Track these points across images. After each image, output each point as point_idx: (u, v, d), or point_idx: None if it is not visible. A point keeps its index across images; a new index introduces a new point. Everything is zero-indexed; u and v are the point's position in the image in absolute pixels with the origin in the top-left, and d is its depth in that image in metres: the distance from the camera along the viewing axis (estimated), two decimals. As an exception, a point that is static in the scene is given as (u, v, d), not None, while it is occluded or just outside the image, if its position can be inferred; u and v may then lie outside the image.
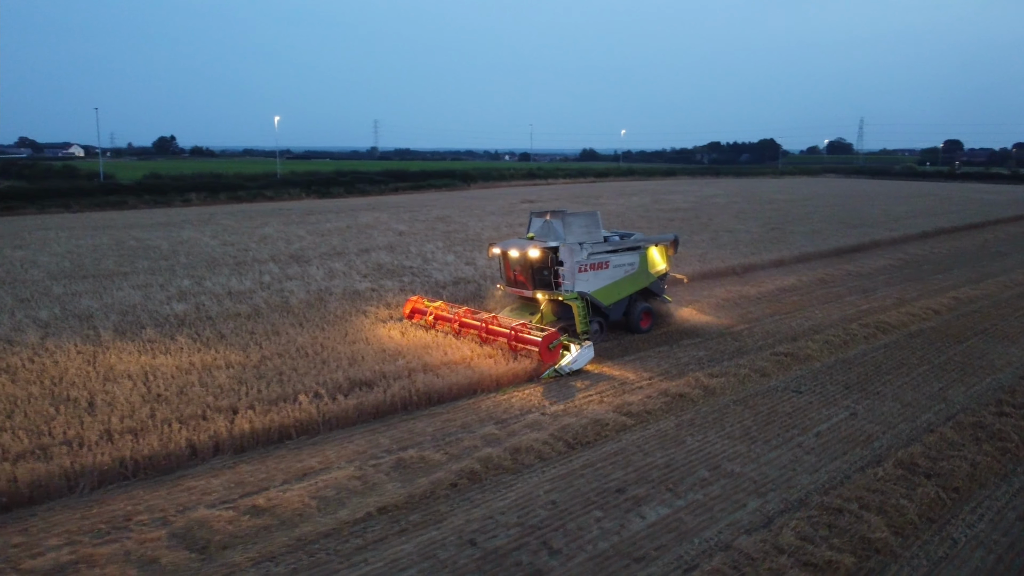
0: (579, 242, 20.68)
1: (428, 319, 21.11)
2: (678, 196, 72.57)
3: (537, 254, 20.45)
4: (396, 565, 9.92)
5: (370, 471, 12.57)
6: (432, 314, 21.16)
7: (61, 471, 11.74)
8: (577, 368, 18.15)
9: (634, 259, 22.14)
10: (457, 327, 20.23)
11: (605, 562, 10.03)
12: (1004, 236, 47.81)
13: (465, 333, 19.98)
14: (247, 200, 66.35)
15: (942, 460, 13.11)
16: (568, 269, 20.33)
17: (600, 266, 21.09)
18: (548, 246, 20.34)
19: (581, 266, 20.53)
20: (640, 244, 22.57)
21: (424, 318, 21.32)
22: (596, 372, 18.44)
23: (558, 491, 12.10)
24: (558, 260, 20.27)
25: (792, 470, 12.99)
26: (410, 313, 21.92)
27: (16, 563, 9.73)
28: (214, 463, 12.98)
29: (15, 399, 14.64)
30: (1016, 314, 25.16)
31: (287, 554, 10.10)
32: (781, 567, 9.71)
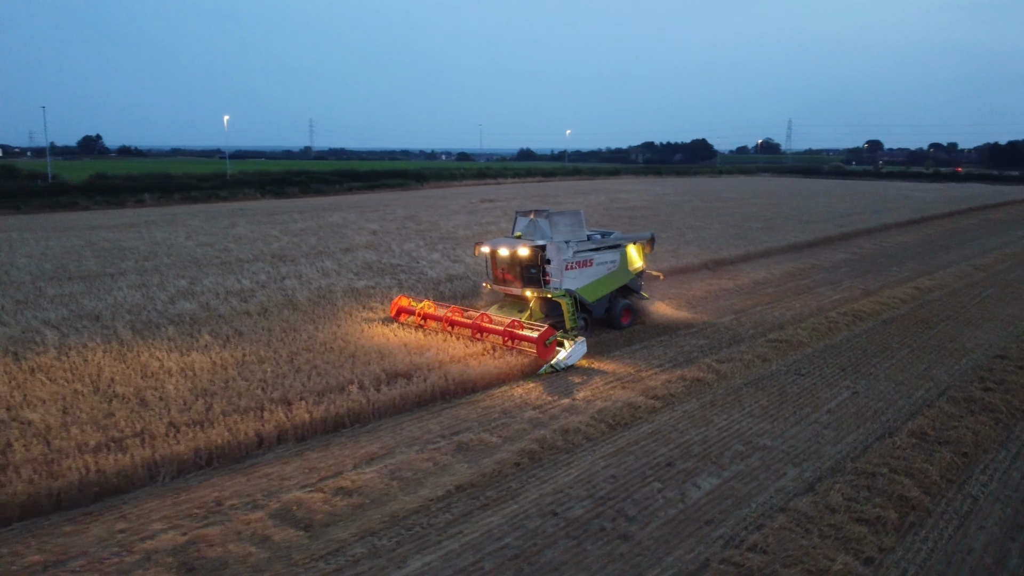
0: (565, 240, 21.18)
1: (417, 318, 21.18)
2: (633, 195, 74.46)
3: (527, 252, 20.83)
4: (490, 535, 10.71)
5: (435, 454, 13.29)
6: (421, 313, 21.26)
7: (143, 461, 12.11)
8: (571, 363, 18.60)
9: (615, 257, 22.74)
10: (448, 325, 20.44)
11: (679, 526, 11.03)
12: (943, 231, 50.93)
13: (455, 331, 20.24)
14: (202, 200, 65.33)
15: (947, 430, 14.56)
16: (555, 267, 20.83)
17: (585, 264, 21.63)
18: (536, 244, 20.79)
19: (568, 264, 21.03)
20: (620, 242, 23.17)
21: (412, 317, 21.35)
22: (600, 367, 19.43)
23: (614, 467, 13.06)
24: (546, 258, 20.73)
25: (816, 442, 14.24)
26: (396, 313, 21.95)
27: (129, 546, 10.16)
28: (279, 451, 13.48)
29: (62, 396, 14.82)
30: (973, 302, 27.26)
31: (386, 529, 10.78)
32: (838, 523, 10.88)
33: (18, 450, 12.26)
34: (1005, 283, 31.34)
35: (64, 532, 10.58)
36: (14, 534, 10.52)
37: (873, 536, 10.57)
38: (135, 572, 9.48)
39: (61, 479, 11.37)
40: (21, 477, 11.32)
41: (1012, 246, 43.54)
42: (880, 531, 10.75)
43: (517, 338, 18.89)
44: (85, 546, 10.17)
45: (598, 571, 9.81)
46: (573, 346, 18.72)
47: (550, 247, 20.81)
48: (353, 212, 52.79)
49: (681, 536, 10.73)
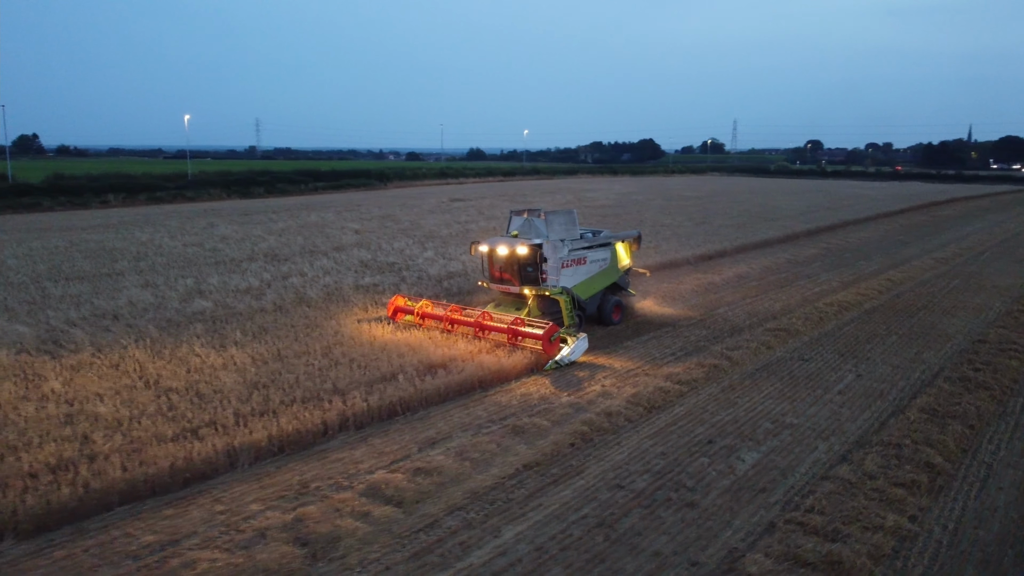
0: (560, 239, 21.63)
1: (416, 318, 21.30)
2: (598, 194, 75.91)
3: (525, 251, 21.06)
4: (568, 507, 11.59)
5: (493, 436, 14.10)
6: (419, 312, 21.34)
7: (224, 448, 12.65)
8: (574, 359, 19.00)
9: (606, 255, 23.41)
10: (448, 324, 20.58)
11: (736, 494, 12.07)
12: (899, 227, 53.52)
13: (455, 330, 20.42)
14: (167, 201, 64.43)
15: (952, 406, 15.96)
16: (552, 265, 21.25)
17: (579, 262, 22.19)
18: (534, 243, 21.12)
19: (564, 262, 21.50)
20: (610, 240, 23.82)
21: (408, 316, 21.52)
22: (606, 362, 20.44)
23: (660, 445, 14.06)
24: (543, 257, 21.14)
25: (836, 420, 15.48)
26: (393, 312, 21.96)
27: (235, 526, 10.75)
28: (343, 439, 14.09)
29: (116, 391, 15.18)
30: (943, 292, 29.15)
31: (470, 504, 11.57)
32: (880, 487, 12.06)
33: (98, 440, 12.66)
34: (967, 275, 33.42)
35: (166, 515, 11.08)
36: (117, 518, 10.99)
37: (912, 497, 11.78)
38: (254, 547, 10.08)
39: (153, 466, 11.84)
40: (113, 464, 11.76)
41: (965, 240, 46.12)
42: (916, 493, 11.96)
43: (522, 335, 19.27)
44: (192, 527, 10.72)
45: (676, 535, 10.77)
46: (575, 342, 19.23)
47: (546, 246, 21.21)
48: (328, 212, 52.87)
49: (741, 503, 11.77)
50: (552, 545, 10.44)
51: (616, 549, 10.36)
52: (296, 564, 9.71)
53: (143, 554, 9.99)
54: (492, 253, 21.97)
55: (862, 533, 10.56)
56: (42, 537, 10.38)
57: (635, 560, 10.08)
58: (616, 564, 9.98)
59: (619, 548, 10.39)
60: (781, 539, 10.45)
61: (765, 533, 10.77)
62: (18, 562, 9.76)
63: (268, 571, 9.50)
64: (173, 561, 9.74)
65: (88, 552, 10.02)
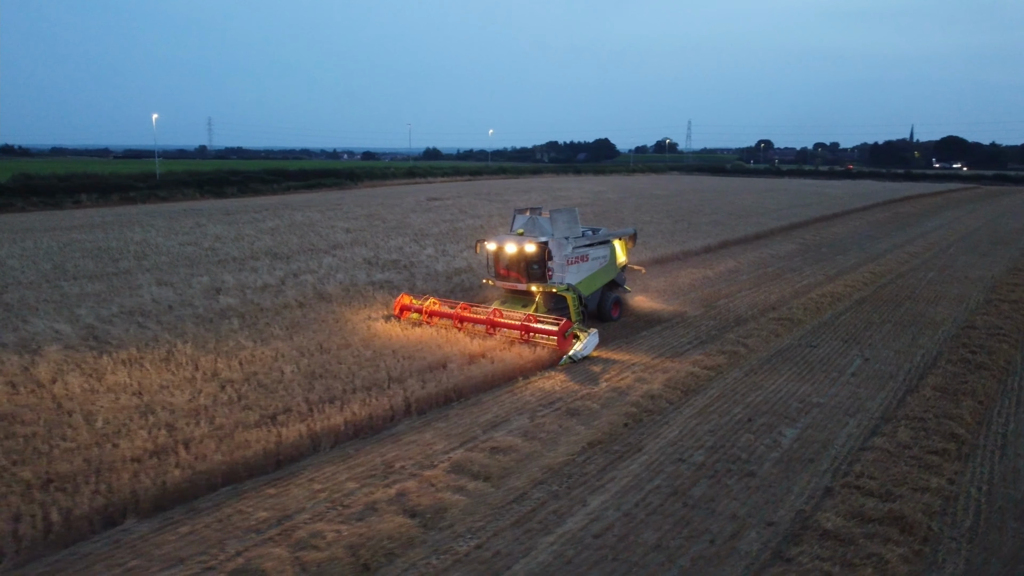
0: (565, 236, 22.20)
1: (424, 316, 21.60)
2: (572, 192, 77.16)
3: (533, 249, 21.64)
4: (640, 479, 12.57)
5: (551, 418, 15.01)
6: (427, 311, 21.57)
7: (308, 433, 13.33)
8: (586, 354, 19.44)
9: (606, 252, 24.14)
10: (458, 322, 20.83)
11: (788, 464, 13.19)
12: (867, 223, 55.85)
13: (464, 327, 20.71)
14: (140, 201, 63.72)
15: (959, 384, 17.37)
16: (558, 263, 21.82)
17: (581, 259, 22.77)
18: (540, 241, 21.71)
19: (569, 259, 22.08)
20: (609, 238, 24.61)
21: (414, 314, 21.80)
22: (620, 357, 21.52)
23: (705, 423, 15.13)
24: (550, 254, 21.73)
25: (857, 399, 16.75)
26: (400, 311, 22.18)
27: (339, 501, 11.47)
28: (408, 423, 14.83)
29: (178, 383, 15.68)
30: (922, 284, 30.94)
31: (550, 478, 12.47)
32: (916, 454, 13.31)
33: (185, 428, 13.23)
34: (940, 268, 35.40)
35: (268, 494, 11.74)
36: (222, 498, 11.61)
37: (946, 463, 13.04)
38: (369, 519, 10.83)
39: (247, 449, 12.48)
40: (209, 449, 12.37)
41: (930, 236, 48.48)
42: (948, 459, 13.23)
43: (536, 331, 19.64)
44: (298, 504, 11.41)
45: (745, 500, 11.83)
46: (587, 337, 19.81)
47: (552, 243, 21.82)
48: (311, 211, 53.03)
49: (795, 472, 12.89)
50: (637, 511, 11.40)
51: (695, 513, 11.37)
52: (413, 532, 10.50)
53: (263, 528, 10.66)
54: (500, 251, 22.45)
55: (912, 494, 11.75)
56: (159, 516, 10.97)
57: (716, 522, 11.10)
58: (700, 526, 10.99)
59: (698, 512, 11.40)
60: (843, 500, 11.58)
61: (825, 496, 11.89)
62: (148, 538, 10.35)
63: (391, 538, 10.26)
64: (299, 532, 10.44)
65: (210, 528, 10.66)
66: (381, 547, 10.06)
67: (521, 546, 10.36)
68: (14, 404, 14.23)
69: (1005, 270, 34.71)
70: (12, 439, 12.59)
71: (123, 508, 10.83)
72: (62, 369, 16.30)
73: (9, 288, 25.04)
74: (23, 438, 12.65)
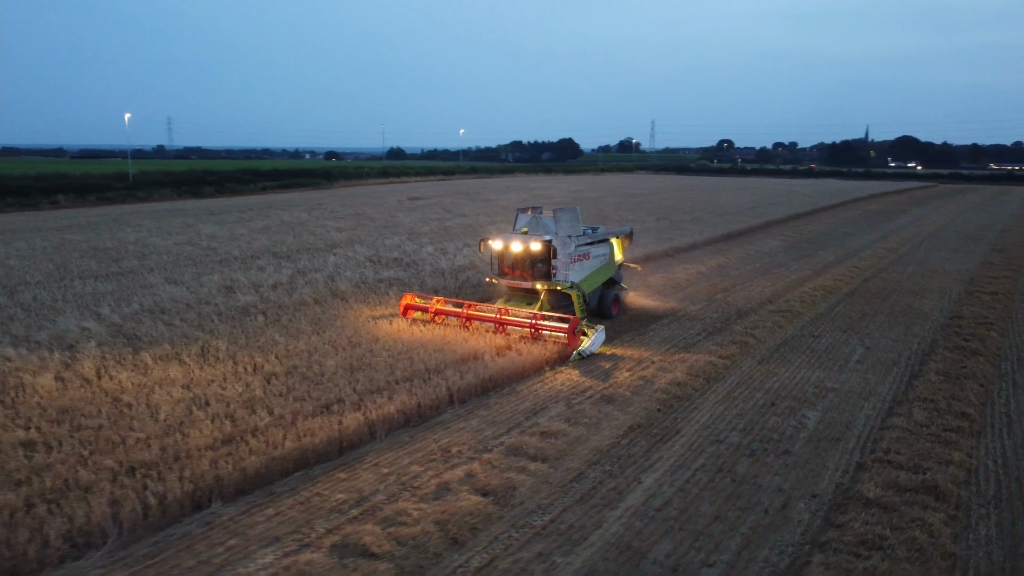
0: (568, 235, 22.67)
1: (430, 315, 21.72)
2: (549, 191, 78.08)
3: (539, 247, 22.02)
4: (685, 458, 13.40)
5: (587, 406, 15.75)
6: (433, 309, 21.80)
7: (366, 421, 13.91)
8: (594, 350, 19.73)
9: (605, 250, 24.74)
10: (466, 320, 21.06)
11: (818, 443, 14.13)
12: (840, 220, 57.66)
13: (470, 326, 20.94)
14: (119, 201, 63.08)
15: (959, 369, 18.54)
16: (562, 261, 22.25)
17: (583, 257, 23.20)
18: (545, 239, 22.12)
19: (572, 258, 22.53)
20: (608, 236, 25.21)
21: (418, 313, 22.05)
22: (630, 352, 22.40)
23: (733, 407, 16.02)
24: (555, 252, 22.13)
25: (867, 383, 17.81)
26: (404, 310, 22.35)
27: (409, 483, 12.08)
28: (452, 412, 15.42)
29: (224, 376, 16.12)
30: (904, 277, 32.38)
31: (601, 459, 13.23)
32: (935, 432, 14.35)
33: (245, 418, 13.73)
34: (917, 262, 36.98)
35: (340, 478, 12.31)
36: (295, 483, 12.13)
37: (962, 439, 14.10)
38: (444, 498, 11.47)
39: (313, 437, 13.03)
40: (277, 437, 12.89)
41: (901, 232, 50.32)
42: (963, 436, 14.30)
43: (546, 329, 19.84)
44: (371, 486, 12.00)
45: (787, 475, 12.72)
46: (595, 334, 20.27)
47: (556, 242, 22.21)
48: (297, 211, 53.15)
49: (826, 449, 13.84)
50: (690, 487, 12.22)
51: (743, 488, 12.22)
52: (489, 509, 11.17)
53: (344, 508, 11.25)
54: (505, 249, 22.72)
55: (938, 466, 12.75)
56: (241, 500, 11.48)
57: (765, 495, 11.96)
58: (751, 499, 11.84)
59: (746, 487, 12.26)
60: (876, 474, 12.53)
61: (860, 470, 12.84)
62: (237, 519, 10.87)
63: (471, 515, 10.93)
64: (383, 511, 11.06)
65: (293, 509, 11.21)
66: (464, 522, 10.72)
67: (591, 520, 11.10)
68: (69, 399, 14.57)
69: (978, 264, 36.38)
70: (82, 431, 12.98)
71: (208, 493, 11.31)
72: (104, 365, 16.62)
73: (20, 288, 25.07)
74: (91, 430, 13.04)
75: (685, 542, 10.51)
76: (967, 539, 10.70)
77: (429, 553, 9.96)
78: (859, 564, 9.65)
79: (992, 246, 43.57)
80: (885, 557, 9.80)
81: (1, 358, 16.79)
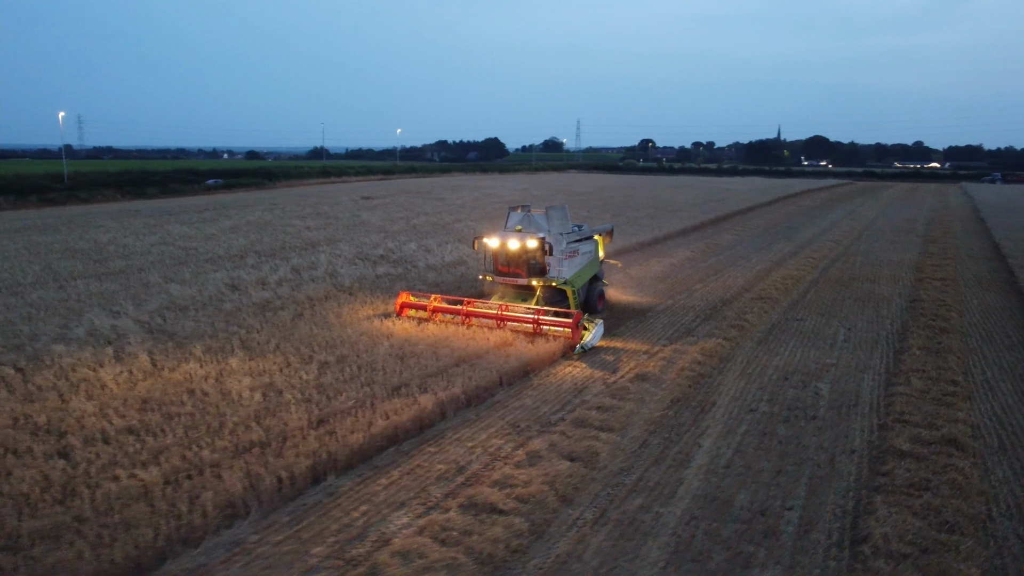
0: (560, 233, 23.58)
1: (428, 313, 22.02)
2: (498, 190, 79.47)
3: (535, 245, 22.71)
4: (729, 424, 14.97)
5: (624, 383, 17.19)
6: (431, 308, 22.10)
7: (437, 402, 14.98)
8: (594, 343, 20.46)
9: (591, 247, 25.83)
10: (465, 318, 21.45)
11: (839, 409, 15.93)
12: (782, 216, 61.03)
13: (469, 322, 21.32)
14: (60, 203, 61.20)
15: (936, 344, 20.77)
16: (556, 258, 23.11)
17: (574, 254, 24.16)
18: (540, 237, 22.70)
19: (565, 255, 23.43)
20: (593, 233, 26.34)
21: (413, 311, 22.36)
22: (630, 344, 24.03)
23: (751, 382, 17.73)
24: (550, 249, 22.83)
25: (859, 359, 19.82)
26: (400, 308, 22.53)
27: (499, 454, 13.25)
28: (504, 392, 16.63)
29: (280, 367, 16.88)
30: (856, 267, 35.10)
31: (657, 429, 14.66)
32: (935, 396, 16.34)
33: (327, 402, 14.61)
34: (863, 253, 39.95)
35: (430, 452, 13.39)
36: (392, 457, 13.13)
37: (959, 402, 16.11)
38: (538, 464, 12.68)
39: (401, 415, 14.04)
40: (365, 416, 13.86)
41: (840, 226, 53.74)
42: (959, 398, 16.35)
43: (549, 323, 20.40)
44: (464, 458, 13.10)
45: (822, 435, 14.46)
46: (595, 328, 20.71)
47: (550, 239, 22.91)
48: (257, 211, 52.89)
49: (847, 414, 15.67)
50: (745, 448, 13.81)
51: (790, 447, 13.88)
52: (583, 471, 12.46)
53: (449, 476, 12.37)
54: (502, 247, 23.36)
55: (948, 424, 14.70)
56: (351, 473, 12.44)
57: (810, 452, 13.65)
58: (800, 456, 13.50)
59: (791, 445, 13.93)
60: (900, 432, 14.37)
61: (882, 430, 14.69)
62: (356, 490, 11.85)
63: (569, 475, 12.20)
64: (489, 476, 12.21)
65: (403, 479, 12.25)
66: (566, 483, 11.99)
67: (672, 477, 12.53)
68: (142, 389, 15.12)
69: (918, 254, 39.57)
70: (176, 418, 13.64)
71: (324, 467, 12.23)
72: (156, 358, 17.12)
73: (20, 289, 24.89)
74: (185, 416, 13.72)
75: (760, 492, 12.06)
76: (990, 480, 12.62)
77: (548, 508, 11.20)
78: (915, 501, 11.37)
79: (924, 238, 47.17)
80: (935, 495, 11.57)
81: (54, 354, 17.07)
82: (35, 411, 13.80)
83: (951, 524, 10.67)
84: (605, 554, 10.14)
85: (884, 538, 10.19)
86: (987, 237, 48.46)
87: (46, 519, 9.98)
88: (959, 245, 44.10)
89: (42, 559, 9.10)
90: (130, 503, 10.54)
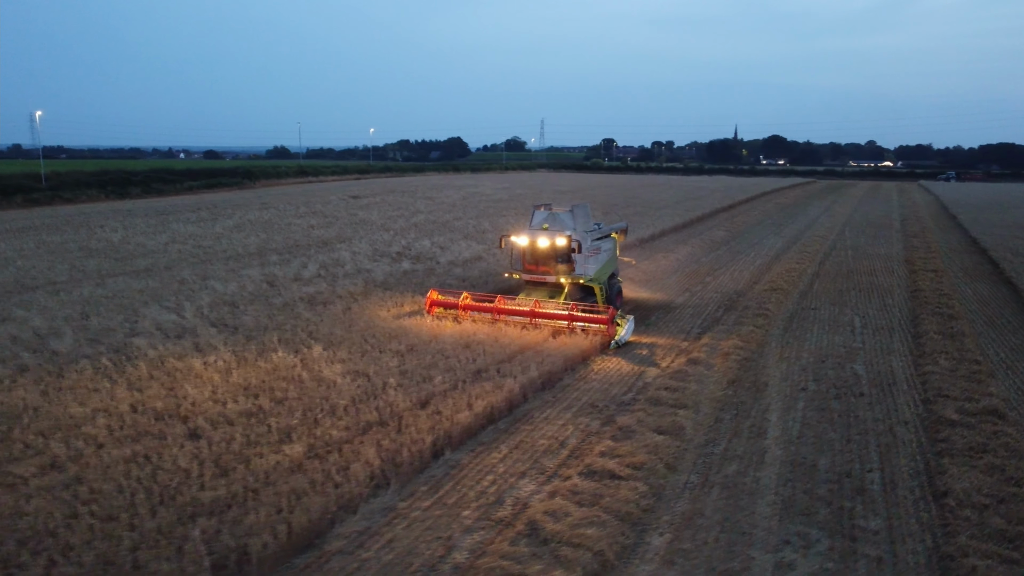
0: (585, 231, 24.19)
1: (459, 311, 22.15)
2: (481, 189, 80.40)
3: (564, 243, 22.70)
4: (787, 401, 16.31)
5: (678, 368, 18.45)
6: (462, 305, 22.25)
7: (518, 385, 16.04)
8: (627, 338, 20.92)
9: (611, 245, 26.51)
10: (497, 315, 21.58)
11: (880, 387, 17.39)
12: (762, 213, 63.14)
13: (501, 319, 21.47)
14: (45, 203, 60.43)
15: (948, 328, 22.43)
16: (583, 255, 23.02)
17: (596, 251, 24.63)
18: (567, 235, 23.22)
19: (590, 252, 23.97)
20: (611, 231, 27.14)
21: (440, 309, 22.47)
22: (656, 338, 25.36)
23: (794, 365, 19.13)
24: (579, 247, 22.96)
25: (882, 343, 21.36)
26: (430, 306, 22.53)
27: (591, 430, 14.36)
28: (572, 377, 17.78)
29: (360, 356, 17.77)
30: (850, 260, 36.97)
31: (724, 407, 15.90)
32: (964, 374, 17.85)
33: (422, 386, 15.58)
34: (852, 248, 41.93)
35: (527, 429, 14.44)
36: (494, 434, 14.15)
37: (985, 379, 17.69)
38: (634, 436, 13.79)
39: (495, 395, 15.09)
40: (462, 399, 14.88)
41: (820, 222, 55.94)
42: (984, 376, 17.94)
43: (583, 320, 20.85)
44: (560, 433, 14.18)
45: (874, 409, 15.88)
46: (627, 324, 21.32)
47: (577, 236, 23.49)
48: (253, 210, 53.09)
49: (888, 390, 17.15)
50: (810, 420, 15.16)
51: (849, 419, 15.27)
52: (674, 443, 13.66)
53: (555, 449, 13.47)
54: (532, 245, 23.74)
55: (984, 397, 16.19)
56: (463, 448, 13.46)
57: (869, 424, 15.06)
58: (860, 427, 14.90)
59: (850, 418, 15.32)
60: (943, 405, 15.83)
61: (927, 403, 16.17)
62: (474, 462, 12.88)
63: (667, 447, 13.39)
64: (593, 448, 13.34)
65: (514, 453, 13.32)
66: (665, 452, 13.19)
67: (754, 447, 13.82)
68: (238, 377, 15.90)
69: (903, 248, 41.70)
70: (284, 402, 14.50)
71: (441, 444, 13.24)
72: (238, 349, 17.88)
73: (61, 287, 25.23)
74: (292, 400, 14.59)
75: (837, 457, 13.40)
76: (1034, 444, 14.15)
77: (659, 474, 12.38)
78: (979, 461, 12.82)
79: (903, 233, 49.47)
80: (994, 456, 13.03)
81: (134, 347, 17.72)
82: (147, 399, 14.52)
83: (1016, 479, 12.11)
84: (724, 511, 11.36)
85: (964, 492, 11.58)
86: (961, 232, 51.02)
87: (219, 489, 10.84)
88: (938, 240, 46.41)
89: (240, 520, 9.99)
90: (286, 476, 11.43)
